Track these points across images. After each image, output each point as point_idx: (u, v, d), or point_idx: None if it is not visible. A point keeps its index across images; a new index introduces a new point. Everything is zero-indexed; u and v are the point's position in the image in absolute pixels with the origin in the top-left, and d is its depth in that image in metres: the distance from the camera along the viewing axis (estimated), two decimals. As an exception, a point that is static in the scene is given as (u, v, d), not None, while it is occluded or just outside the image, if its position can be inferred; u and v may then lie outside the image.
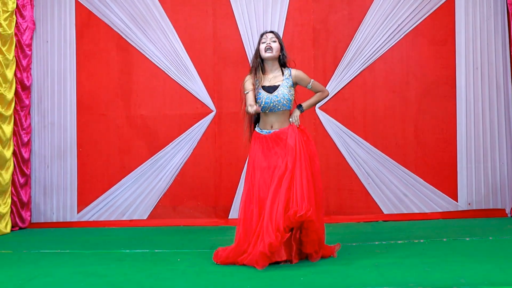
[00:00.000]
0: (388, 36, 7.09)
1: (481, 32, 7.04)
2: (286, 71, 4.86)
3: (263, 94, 4.76)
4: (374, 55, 7.12)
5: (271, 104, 4.74)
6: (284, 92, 4.74)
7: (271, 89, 4.77)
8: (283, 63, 4.90)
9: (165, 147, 7.29)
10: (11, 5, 6.85)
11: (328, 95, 5.05)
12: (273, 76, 4.84)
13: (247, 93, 4.78)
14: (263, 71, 4.87)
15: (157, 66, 7.32)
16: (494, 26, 7.03)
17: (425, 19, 7.07)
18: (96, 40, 7.41)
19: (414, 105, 7.12)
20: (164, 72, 7.32)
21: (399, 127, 7.12)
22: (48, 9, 7.43)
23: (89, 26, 7.41)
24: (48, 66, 7.43)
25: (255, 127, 4.95)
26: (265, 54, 4.80)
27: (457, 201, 7.02)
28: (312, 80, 4.89)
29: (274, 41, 4.81)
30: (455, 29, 7.07)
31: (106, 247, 5.80)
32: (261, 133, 4.83)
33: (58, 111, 7.42)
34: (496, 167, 7.01)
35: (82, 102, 7.41)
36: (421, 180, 7.05)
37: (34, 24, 7.37)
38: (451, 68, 7.06)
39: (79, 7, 7.40)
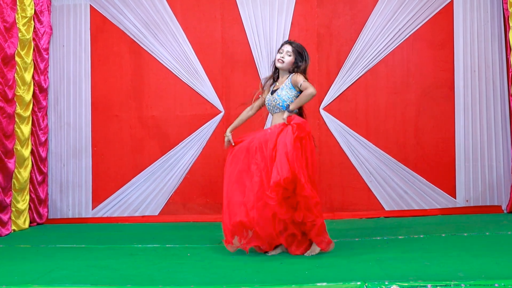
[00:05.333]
0: (389, 40, 7.12)
1: (479, 36, 7.05)
2: (289, 76, 5.02)
3: (268, 95, 5.09)
4: (376, 58, 7.16)
5: (269, 105, 5.05)
6: (280, 94, 4.95)
7: (273, 91, 5.04)
8: (292, 71, 5.05)
9: (176, 147, 7.35)
10: (30, 11, 6.87)
11: (311, 93, 4.81)
12: (280, 81, 5.08)
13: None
14: (278, 76, 5.15)
15: (168, 69, 7.37)
16: (491, 30, 7.03)
17: (425, 24, 7.09)
18: (110, 44, 7.45)
19: (414, 106, 7.16)
20: (175, 74, 7.36)
21: (399, 127, 7.17)
22: (65, 15, 7.46)
23: (103, 31, 7.45)
24: (64, 69, 7.47)
25: None
26: (276, 64, 5.07)
27: (455, 198, 7.07)
28: (303, 80, 4.89)
29: (290, 55, 5.01)
30: (453, 33, 7.07)
31: (120, 242, 5.89)
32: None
33: (73, 112, 7.47)
34: (492, 166, 7.03)
35: (97, 104, 7.46)
36: (421, 178, 7.10)
37: (51, 29, 7.43)
38: (450, 70, 7.09)
39: (93, 13, 7.43)
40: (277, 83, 5.11)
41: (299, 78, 4.92)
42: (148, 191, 7.41)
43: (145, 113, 7.46)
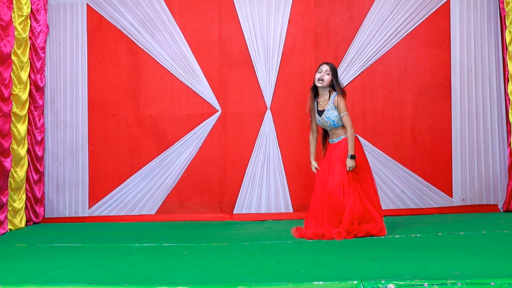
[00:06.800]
0: (386, 39, 7.14)
1: (475, 35, 7.08)
2: (331, 96, 5.74)
3: (317, 116, 5.83)
4: (373, 57, 7.18)
5: (322, 125, 5.82)
6: (327, 115, 5.71)
7: (320, 112, 5.77)
8: (332, 88, 5.76)
9: (173, 146, 7.37)
10: (26, 10, 6.89)
11: (352, 134, 5.67)
12: (323, 100, 5.79)
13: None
14: (317, 93, 5.86)
15: (165, 68, 7.38)
16: (488, 29, 7.06)
17: (422, 23, 7.12)
18: (107, 43, 7.46)
19: (411, 105, 7.17)
20: (172, 73, 7.38)
21: (396, 127, 7.19)
22: (61, 13, 7.49)
23: (100, 29, 7.46)
24: (61, 68, 7.49)
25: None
26: (317, 83, 5.77)
27: (452, 197, 7.09)
28: (345, 113, 5.66)
29: (328, 74, 5.74)
30: (450, 32, 7.10)
31: (117, 241, 5.91)
32: (329, 142, 5.89)
33: (70, 111, 7.49)
34: (489, 165, 7.07)
35: (93, 103, 7.47)
36: (418, 177, 7.12)
37: (47, 27, 7.44)
38: (447, 69, 7.11)
39: (90, 12, 7.45)
40: (320, 101, 5.81)
41: (342, 107, 5.67)
42: (145, 190, 7.43)
43: (142, 112, 7.48)
